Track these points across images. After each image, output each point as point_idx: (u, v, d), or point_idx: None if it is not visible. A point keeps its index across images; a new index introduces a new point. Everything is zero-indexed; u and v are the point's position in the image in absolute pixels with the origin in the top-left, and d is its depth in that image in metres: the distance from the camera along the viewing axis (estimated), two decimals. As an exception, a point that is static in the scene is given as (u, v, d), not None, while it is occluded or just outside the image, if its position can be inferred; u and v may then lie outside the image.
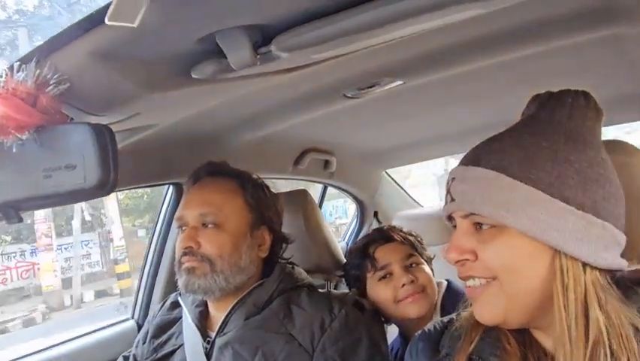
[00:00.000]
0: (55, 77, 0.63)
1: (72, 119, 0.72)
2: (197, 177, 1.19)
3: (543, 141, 0.65)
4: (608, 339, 0.59)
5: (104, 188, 0.62)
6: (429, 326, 0.86)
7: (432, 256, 1.36)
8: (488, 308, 0.67)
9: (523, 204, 0.62)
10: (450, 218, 0.71)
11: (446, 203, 0.70)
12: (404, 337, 1.31)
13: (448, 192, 0.69)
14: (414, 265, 1.26)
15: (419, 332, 0.84)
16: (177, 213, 1.14)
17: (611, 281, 0.63)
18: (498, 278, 0.64)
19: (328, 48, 0.67)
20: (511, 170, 0.64)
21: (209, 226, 1.10)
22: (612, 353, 0.58)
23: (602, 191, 0.63)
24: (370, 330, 1.10)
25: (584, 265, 0.62)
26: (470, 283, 0.68)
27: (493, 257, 0.64)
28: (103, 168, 0.61)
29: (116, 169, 0.63)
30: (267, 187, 1.24)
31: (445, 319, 0.82)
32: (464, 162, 0.70)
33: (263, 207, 1.18)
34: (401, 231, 1.35)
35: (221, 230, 1.10)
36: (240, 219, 1.13)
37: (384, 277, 1.25)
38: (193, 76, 0.69)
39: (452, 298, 1.25)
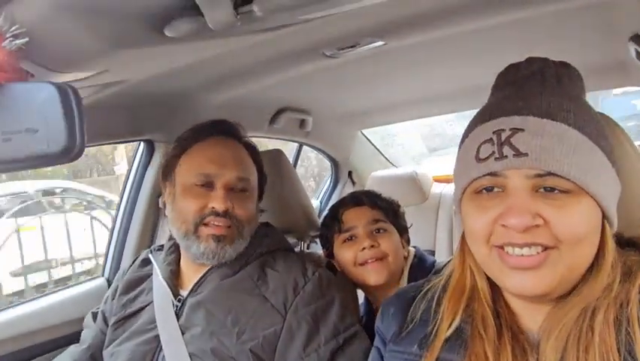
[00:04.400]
0: (12, 29, 0.57)
1: (33, 75, 0.66)
2: (208, 134, 1.13)
3: (590, 109, 0.62)
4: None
5: (69, 154, 0.58)
6: (400, 290, 0.86)
7: (409, 225, 1.35)
8: (545, 278, 0.59)
9: (599, 171, 0.60)
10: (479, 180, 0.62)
11: (500, 157, 0.59)
12: (369, 302, 1.33)
13: (506, 144, 0.59)
14: (381, 231, 1.25)
15: (390, 296, 0.84)
16: (204, 169, 1.06)
17: None
18: (560, 247, 0.59)
19: (313, 10, 0.63)
20: (590, 133, 0.60)
21: (241, 190, 1.09)
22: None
23: None
24: (342, 292, 1.11)
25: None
26: (524, 251, 0.59)
27: (568, 225, 0.58)
28: (68, 133, 0.57)
29: (82, 133, 0.58)
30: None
31: (417, 284, 0.82)
32: (531, 114, 0.60)
33: (263, 172, 1.20)
34: (378, 196, 1.33)
35: (250, 195, 1.11)
36: (256, 186, 1.15)
37: (349, 239, 1.25)
38: (167, 34, 0.64)
39: (420, 266, 1.26)
